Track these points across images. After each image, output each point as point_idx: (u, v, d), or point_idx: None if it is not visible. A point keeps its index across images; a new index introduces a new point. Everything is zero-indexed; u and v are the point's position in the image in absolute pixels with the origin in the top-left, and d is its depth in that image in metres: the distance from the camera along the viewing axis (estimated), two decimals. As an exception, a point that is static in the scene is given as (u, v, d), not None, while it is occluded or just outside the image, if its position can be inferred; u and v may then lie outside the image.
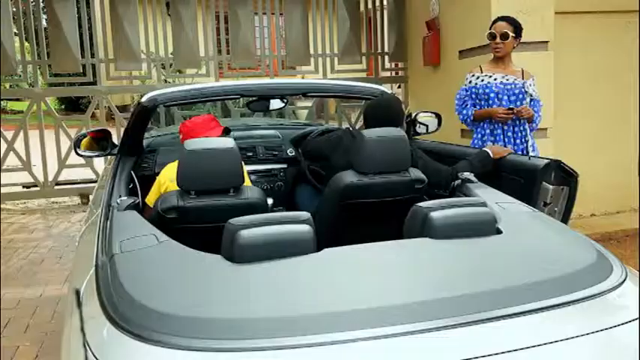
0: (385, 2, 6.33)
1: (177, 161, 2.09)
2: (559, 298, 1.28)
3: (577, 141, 4.80)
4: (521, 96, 3.30)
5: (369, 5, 6.37)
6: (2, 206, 5.54)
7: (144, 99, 2.57)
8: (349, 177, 2.28)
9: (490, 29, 3.33)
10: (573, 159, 4.42)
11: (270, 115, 5.34)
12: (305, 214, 1.56)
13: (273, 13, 6.07)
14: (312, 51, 6.16)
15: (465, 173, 2.31)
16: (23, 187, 5.88)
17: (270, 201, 3.00)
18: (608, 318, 1.29)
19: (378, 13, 6.42)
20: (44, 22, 7.17)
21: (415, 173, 2.32)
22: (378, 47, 6.49)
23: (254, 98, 2.78)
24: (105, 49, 5.76)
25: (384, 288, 1.33)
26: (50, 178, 5.75)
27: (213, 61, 5.98)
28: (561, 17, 4.41)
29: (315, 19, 6.12)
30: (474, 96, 3.37)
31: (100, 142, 2.86)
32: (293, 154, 3.22)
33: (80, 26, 5.63)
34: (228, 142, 2.07)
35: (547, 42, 4.32)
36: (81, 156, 2.87)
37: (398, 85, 7.06)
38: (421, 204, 1.67)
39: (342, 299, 1.27)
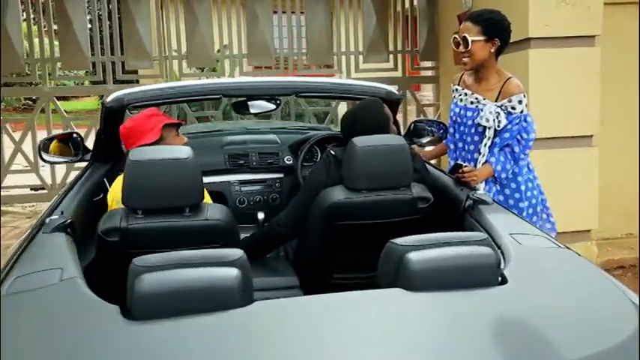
0: (415, -5, 5.86)
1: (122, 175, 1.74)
2: None
3: (625, 149, 4.23)
4: (470, 129, 2.49)
5: (398, -1, 5.91)
6: (9, 209, 5.37)
7: (108, 99, 2.25)
8: (337, 194, 1.87)
9: None
10: (620, 171, 3.84)
11: (275, 116, 4.92)
12: (236, 253, 1.16)
13: (293, 12, 5.68)
14: (335, 49, 5.75)
15: (480, 192, 1.86)
16: (31, 189, 5.69)
17: (261, 215, 2.63)
18: None
19: (408, 8, 5.95)
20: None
21: (418, 190, 1.90)
22: (408, 45, 6.02)
23: (240, 99, 2.42)
24: (115, 46, 5.48)
25: None
26: (58, 181, 5.53)
27: (228, 59, 5.66)
28: (611, 8, 3.86)
29: (339, 15, 5.71)
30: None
31: (72, 145, 2.61)
32: (291, 162, 2.83)
33: (90, 23, 5.42)
34: (182, 152, 1.70)
35: (594, 36, 3.78)
36: (45, 161, 2.58)
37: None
38: (397, 240, 1.24)
39: None
